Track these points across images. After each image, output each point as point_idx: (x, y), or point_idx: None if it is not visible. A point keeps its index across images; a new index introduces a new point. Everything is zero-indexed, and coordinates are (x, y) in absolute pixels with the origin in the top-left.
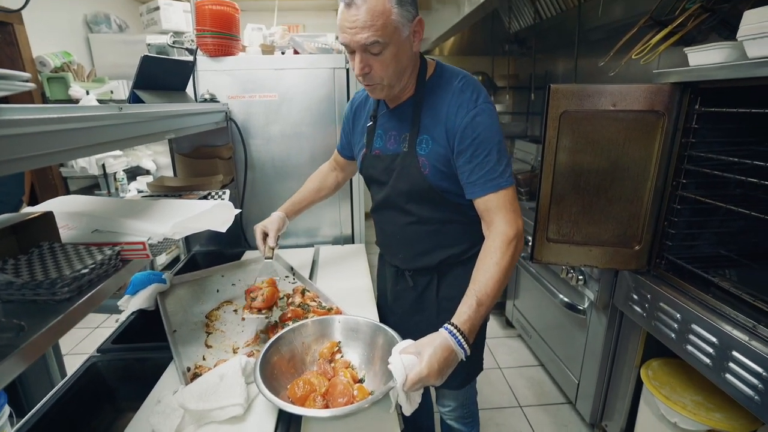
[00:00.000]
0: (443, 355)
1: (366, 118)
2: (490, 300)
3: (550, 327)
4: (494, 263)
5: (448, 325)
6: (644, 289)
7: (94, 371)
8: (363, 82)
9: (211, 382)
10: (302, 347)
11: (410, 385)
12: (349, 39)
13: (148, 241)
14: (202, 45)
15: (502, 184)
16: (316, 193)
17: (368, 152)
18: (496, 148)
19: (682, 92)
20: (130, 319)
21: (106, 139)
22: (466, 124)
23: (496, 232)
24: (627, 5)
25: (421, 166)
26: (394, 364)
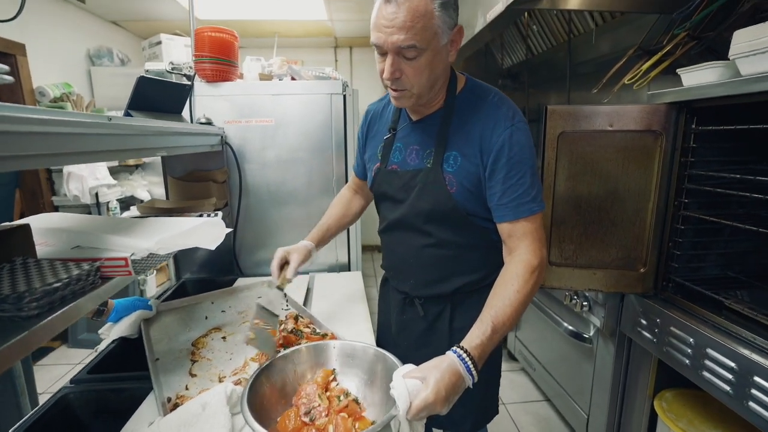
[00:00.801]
0: (450, 380)
1: (383, 129)
2: (505, 329)
3: (555, 358)
4: (515, 290)
5: (457, 348)
6: (653, 314)
7: (65, 404)
8: (390, 87)
9: (191, 412)
10: (294, 375)
11: (415, 413)
12: (384, 39)
13: (131, 257)
14: (201, 71)
15: (534, 209)
16: (342, 220)
17: (383, 167)
18: (530, 170)
19: (678, 112)
20: (109, 347)
21: (93, 148)
22: (503, 142)
23: (519, 259)
24: (616, 39)
25: (447, 183)
26: (397, 388)
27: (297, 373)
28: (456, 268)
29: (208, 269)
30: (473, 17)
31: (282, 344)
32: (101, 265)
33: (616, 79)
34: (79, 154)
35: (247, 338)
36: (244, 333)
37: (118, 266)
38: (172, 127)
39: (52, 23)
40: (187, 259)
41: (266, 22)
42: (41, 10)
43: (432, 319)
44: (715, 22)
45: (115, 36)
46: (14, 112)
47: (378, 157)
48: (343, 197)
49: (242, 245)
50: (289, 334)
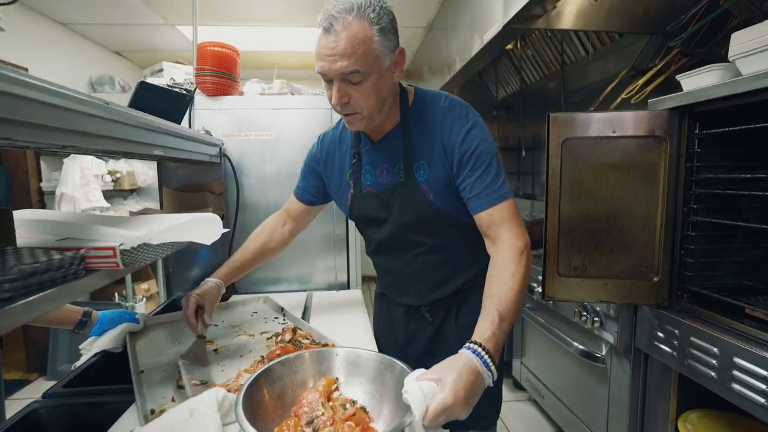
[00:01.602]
0: (469, 380)
1: (345, 156)
2: (512, 315)
3: (565, 383)
4: (510, 274)
5: (470, 344)
6: (670, 325)
7: (34, 420)
8: (341, 112)
9: (177, 419)
10: (294, 384)
11: (432, 418)
12: (328, 67)
13: (120, 247)
14: (201, 84)
15: (505, 195)
16: (260, 256)
17: (357, 192)
18: (495, 159)
19: (680, 117)
20: (90, 361)
21: (84, 129)
22: (462, 137)
23: (505, 245)
24: (607, 66)
25: (423, 192)
26: (411, 392)
27: (297, 381)
28: (452, 269)
29: None
30: (470, 39)
31: (279, 354)
32: (86, 255)
33: (609, 101)
34: (67, 133)
35: None
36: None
37: (105, 257)
38: (171, 127)
39: (56, 49)
40: (179, 278)
41: (266, 53)
42: (47, 36)
43: (439, 322)
44: (705, 39)
45: (118, 66)
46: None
47: (349, 183)
48: (265, 230)
49: None
50: (288, 344)
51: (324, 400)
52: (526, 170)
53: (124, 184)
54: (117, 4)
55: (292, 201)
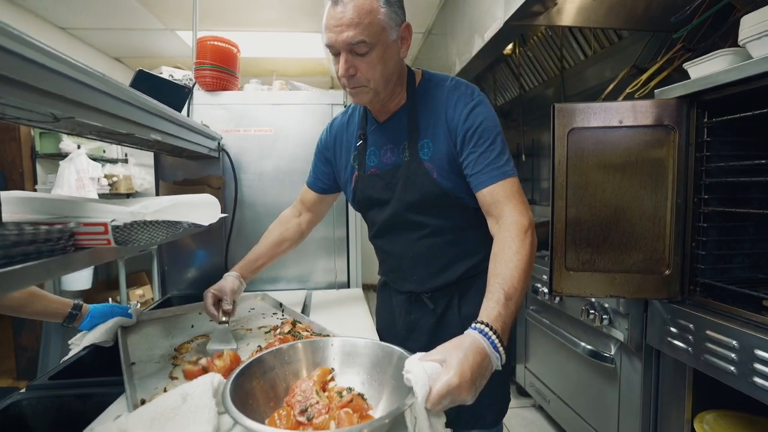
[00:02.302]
0: (476, 360)
1: (351, 140)
2: (519, 294)
3: (572, 386)
4: (514, 252)
5: (476, 324)
6: (684, 319)
7: (15, 413)
8: (348, 86)
9: (169, 404)
10: (286, 374)
11: (436, 400)
12: (335, 38)
13: (111, 223)
14: (200, 78)
15: (508, 173)
16: (277, 248)
17: (362, 173)
18: (498, 137)
19: (688, 106)
20: (78, 354)
21: (77, 98)
22: (466, 115)
23: (508, 222)
24: (606, 69)
25: (428, 170)
26: (413, 372)
27: (289, 371)
28: (456, 254)
29: (197, 286)
30: (469, 40)
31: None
32: (76, 231)
33: (612, 99)
34: (62, 100)
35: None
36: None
37: (95, 233)
38: (170, 113)
39: None
40: (174, 277)
41: (265, 60)
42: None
43: (441, 311)
44: (708, 33)
45: (118, 72)
46: None
47: (354, 166)
48: (281, 222)
49: (235, 261)
50: (287, 335)
51: (318, 389)
52: (526, 176)
53: (121, 187)
54: (117, 9)
55: (304, 191)
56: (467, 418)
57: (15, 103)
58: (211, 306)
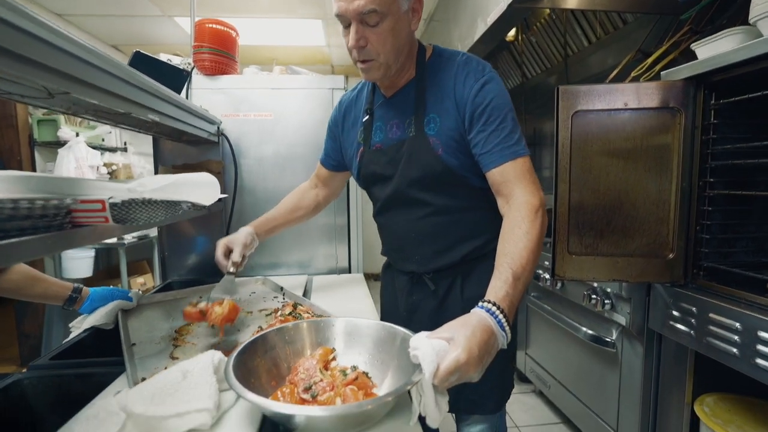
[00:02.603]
0: (483, 338)
1: (359, 115)
2: (527, 274)
3: (573, 372)
4: (524, 232)
5: (483, 302)
6: (687, 303)
7: (17, 392)
8: (357, 59)
9: (169, 380)
10: (288, 355)
11: (444, 376)
12: (345, 7)
13: (109, 200)
14: (199, 62)
15: (519, 152)
16: (292, 213)
17: (366, 149)
18: (509, 115)
19: (695, 88)
20: (79, 336)
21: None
22: (476, 91)
23: (519, 203)
24: (611, 56)
25: (432, 146)
26: (421, 349)
27: (291, 351)
28: (459, 234)
29: (198, 271)
30: (472, 26)
31: None
32: (73, 208)
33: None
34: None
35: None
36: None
37: (93, 210)
38: (169, 93)
39: None
40: (175, 263)
41: (264, 47)
42: None
43: (443, 293)
44: (716, 16)
45: None
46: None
47: (360, 142)
48: (299, 190)
49: None
50: (288, 317)
51: (321, 367)
52: None
53: (120, 176)
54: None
55: (318, 167)
56: (466, 403)
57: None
58: (221, 255)
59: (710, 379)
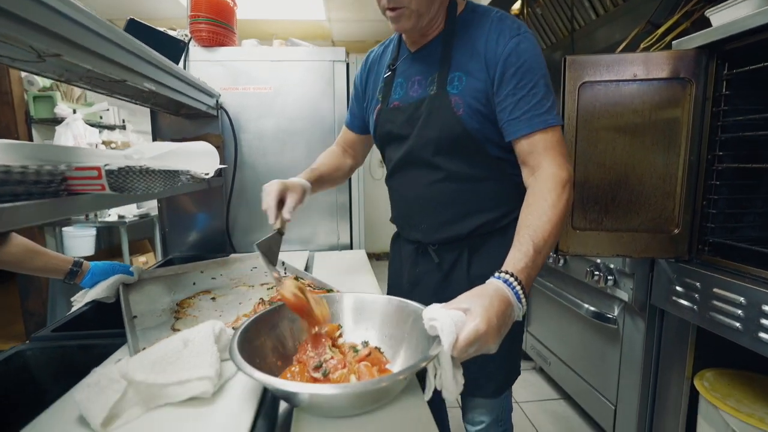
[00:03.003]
0: (501, 308)
1: (383, 70)
2: (548, 248)
3: (574, 349)
4: (550, 206)
5: (500, 273)
6: (691, 278)
7: (19, 363)
8: (387, 6)
9: (170, 349)
10: (293, 333)
11: (463, 347)
12: None
13: (105, 167)
14: (196, 33)
15: (550, 121)
16: (336, 172)
17: (384, 106)
18: (542, 80)
19: (708, 57)
20: (81, 310)
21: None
22: (510, 50)
23: (546, 174)
24: (618, 30)
25: (454, 106)
26: (440, 319)
27: (296, 328)
28: (470, 205)
29: (199, 247)
30: None
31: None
32: (68, 175)
33: None
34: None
35: None
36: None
37: (89, 178)
38: (166, 62)
39: None
40: (176, 240)
41: (263, 21)
42: None
43: (448, 267)
44: None
45: None
46: None
47: (378, 98)
48: (334, 152)
49: (235, 224)
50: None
51: (330, 345)
52: None
53: None
54: None
55: (344, 131)
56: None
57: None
58: (272, 205)
59: (710, 355)
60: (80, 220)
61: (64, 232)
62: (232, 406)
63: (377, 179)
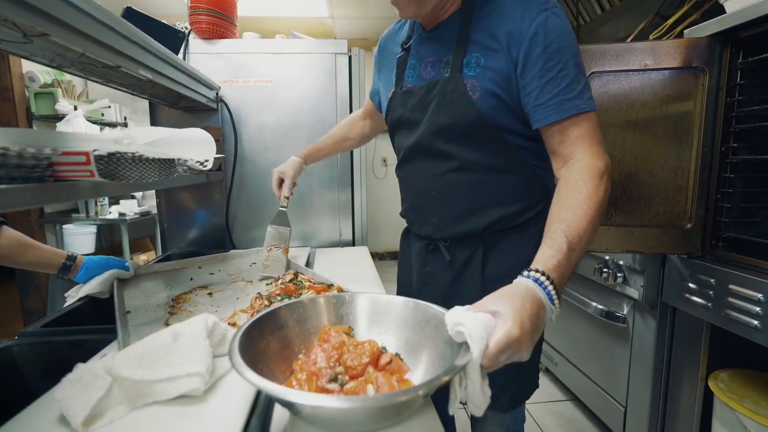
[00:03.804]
0: (533, 310)
1: (396, 50)
2: (583, 246)
3: (581, 348)
4: (585, 197)
5: (529, 272)
6: (704, 274)
7: (6, 359)
8: None
9: (159, 343)
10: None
11: (494, 355)
12: None
13: (94, 152)
14: (195, 24)
15: (582, 106)
16: (341, 143)
17: (398, 90)
18: (573, 61)
19: (722, 45)
20: (74, 305)
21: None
22: (537, 27)
23: (581, 165)
24: (623, 25)
25: (469, 89)
26: (468, 324)
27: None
28: (486, 198)
29: (199, 244)
30: None
31: (279, 294)
32: (55, 161)
33: None
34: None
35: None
36: (235, 290)
37: (77, 164)
38: (164, 51)
39: None
40: (176, 236)
41: (265, 18)
42: None
43: (460, 266)
44: None
45: None
46: None
47: (392, 81)
48: (349, 120)
49: (235, 219)
50: (288, 284)
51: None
52: None
53: None
54: None
55: (367, 101)
56: None
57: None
58: (276, 186)
59: (723, 355)
60: (80, 217)
61: (64, 230)
62: (225, 405)
63: (380, 178)
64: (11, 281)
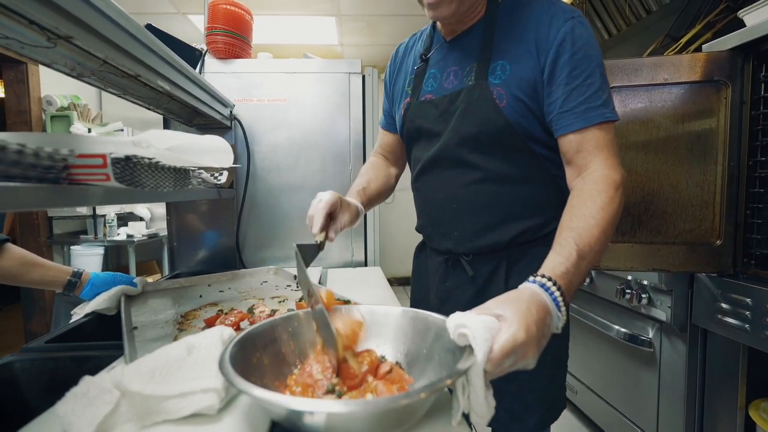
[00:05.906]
0: (539, 315)
1: (412, 61)
2: (593, 256)
3: (604, 375)
4: (599, 208)
5: (535, 277)
6: (738, 293)
7: (8, 374)
8: None
9: (172, 356)
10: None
11: (499, 359)
12: None
13: (111, 155)
14: (212, 44)
15: (607, 115)
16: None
17: (414, 100)
18: (598, 70)
19: (744, 58)
20: (79, 321)
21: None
22: (564, 35)
23: (596, 176)
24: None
25: (496, 97)
26: (472, 327)
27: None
28: (511, 210)
29: (208, 264)
30: None
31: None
32: (71, 164)
33: None
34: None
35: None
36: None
37: (93, 167)
38: (182, 64)
39: None
40: (185, 255)
41: (277, 46)
42: None
43: (483, 281)
44: None
45: None
46: None
47: (407, 91)
48: (378, 164)
49: (246, 238)
50: (300, 302)
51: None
52: None
53: None
54: None
55: (381, 135)
56: (502, 415)
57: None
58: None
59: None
60: (89, 239)
61: (72, 251)
62: (241, 426)
63: (388, 203)
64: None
